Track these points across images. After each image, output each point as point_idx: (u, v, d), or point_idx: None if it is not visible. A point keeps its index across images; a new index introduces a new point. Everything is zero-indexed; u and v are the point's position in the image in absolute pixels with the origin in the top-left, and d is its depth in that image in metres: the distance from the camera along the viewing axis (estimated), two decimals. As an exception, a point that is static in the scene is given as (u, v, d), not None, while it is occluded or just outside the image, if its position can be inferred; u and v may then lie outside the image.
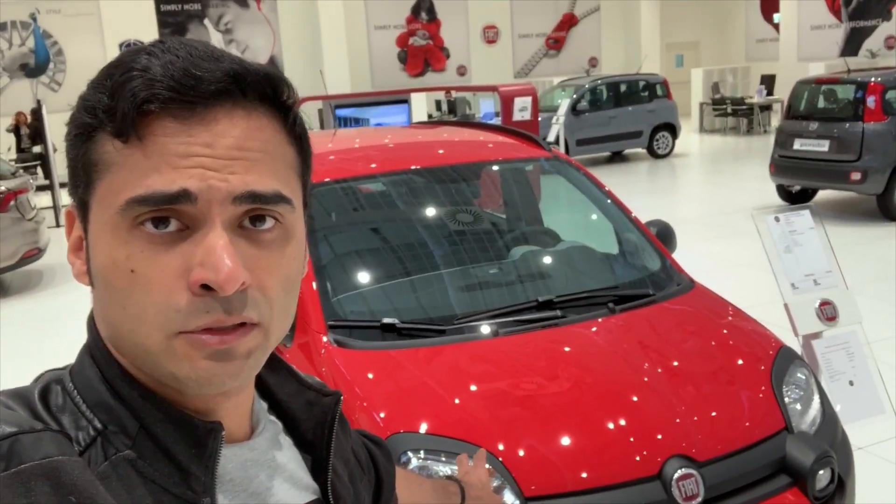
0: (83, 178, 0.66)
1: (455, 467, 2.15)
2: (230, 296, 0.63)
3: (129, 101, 0.62)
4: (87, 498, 0.57)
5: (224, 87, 0.64)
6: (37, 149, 13.84)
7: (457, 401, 2.33)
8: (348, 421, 0.95)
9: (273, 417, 0.83)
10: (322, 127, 8.87)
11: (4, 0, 16.79)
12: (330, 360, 2.50)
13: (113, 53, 11.61)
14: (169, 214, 0.63)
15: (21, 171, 9.42)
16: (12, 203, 7.73)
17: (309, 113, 11.22)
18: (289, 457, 0.80)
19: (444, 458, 2.15)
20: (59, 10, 17.39)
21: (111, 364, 0.69)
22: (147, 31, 18.17)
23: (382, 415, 2.27)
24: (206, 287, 0.63)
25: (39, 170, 13.86)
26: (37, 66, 17.34)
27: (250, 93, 0.66)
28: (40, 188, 11.21)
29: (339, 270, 3.04)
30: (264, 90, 0.67)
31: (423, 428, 2.23)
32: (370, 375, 2.46)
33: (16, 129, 14.63)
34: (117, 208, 0.63)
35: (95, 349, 0.71)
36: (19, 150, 14.42)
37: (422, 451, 2.15)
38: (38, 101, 12.98)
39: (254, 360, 0.68)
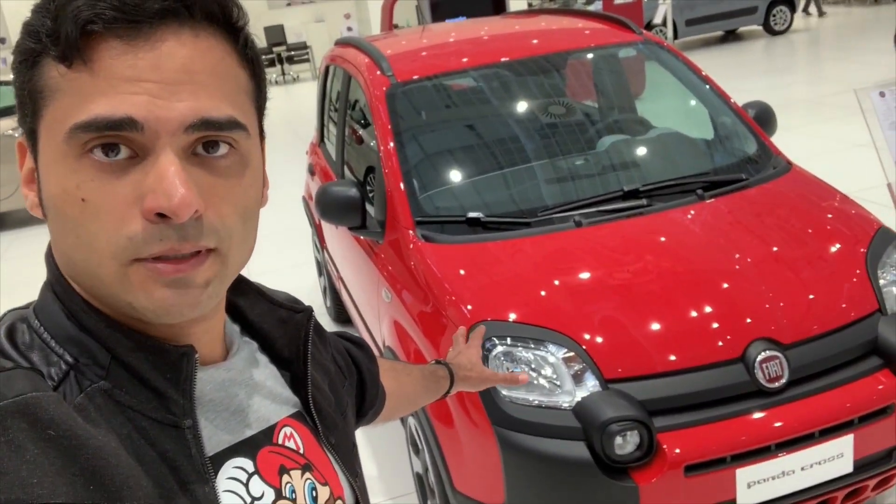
0: (30, 107, 0.65)
1: (540, 353, 2.24)
2: (185, 223, 0.62)
3: (71, 22, 0.60)
4: (65, 430, 0.57)
5: (169, 4, 0.62)
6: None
7: (543, 292, 2.38)
8: (326, 331, 0.97)
9: (247, 338, 0.84)
10: (420, 24, 8.80)
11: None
12: (418, 255, 2.59)
13: None
14: (117, 141, 0.62)
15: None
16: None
17: (407, 9, 11.11)
18: (266, 374, 0.82)
19: (532, 345, 2.22)
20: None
21: (72, 297, 0.68)
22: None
23: (470, 307, 2.34)
24: (160, 215, 0.61)
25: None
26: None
27: (197, 12, 0.64)
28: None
29: (426, 168, 3.09)
30: (211, 9, 0.65)
31: (511, 317, 2.30)
32: (457, 268, 2.53)
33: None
34: (63, 135, 0.62)
35: (56, 284, 0.70)
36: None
37: (508, 338, 2.23)
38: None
39: (212, 289, 0.67)
